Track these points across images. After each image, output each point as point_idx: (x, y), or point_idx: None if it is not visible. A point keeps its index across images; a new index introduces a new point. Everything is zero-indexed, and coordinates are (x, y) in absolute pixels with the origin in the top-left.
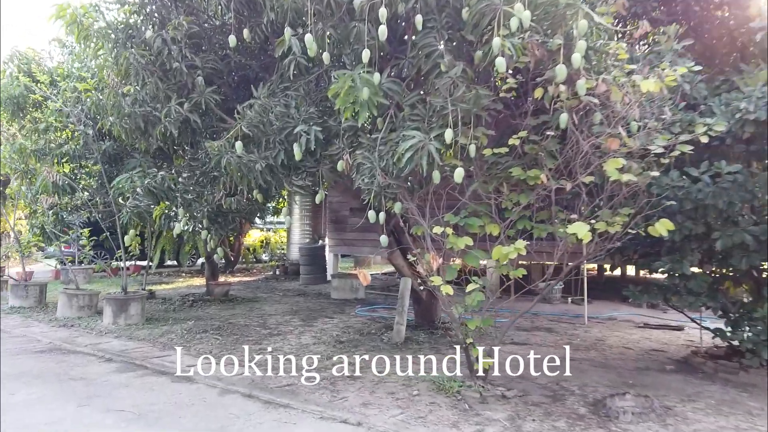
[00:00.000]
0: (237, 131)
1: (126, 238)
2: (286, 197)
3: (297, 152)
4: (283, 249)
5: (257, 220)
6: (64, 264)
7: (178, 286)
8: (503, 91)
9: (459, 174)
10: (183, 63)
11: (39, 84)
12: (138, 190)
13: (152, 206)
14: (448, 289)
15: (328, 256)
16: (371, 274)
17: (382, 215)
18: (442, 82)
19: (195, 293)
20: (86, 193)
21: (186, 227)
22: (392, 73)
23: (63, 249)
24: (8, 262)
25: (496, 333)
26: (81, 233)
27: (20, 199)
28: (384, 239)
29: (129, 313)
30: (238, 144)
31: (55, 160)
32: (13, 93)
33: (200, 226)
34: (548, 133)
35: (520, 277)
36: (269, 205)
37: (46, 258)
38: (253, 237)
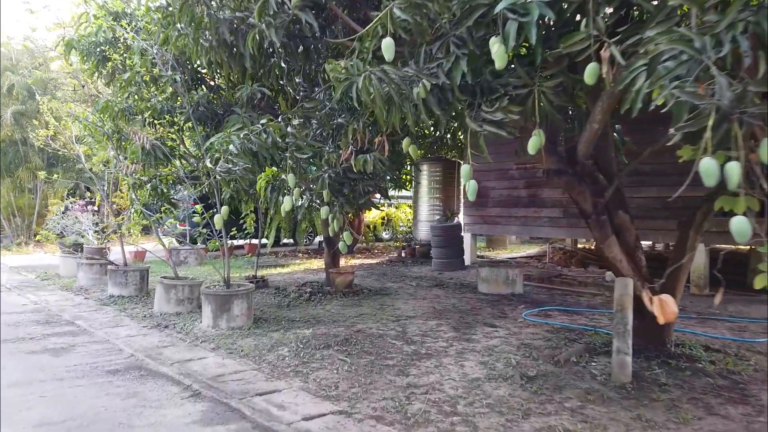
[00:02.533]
0: (384, 19)
1: (216, 217)
2: (410, 164)
3: (499, 55)
4: (406, 227)
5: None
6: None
7: (294, 270)
8: None
9: None
10: None
11: (120, 25)
12: (231, 148)
13: (251, 173)
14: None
15: (466, 236)
16: (505, 258)
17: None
18: None
19: (313, 281)
20: (184, 162)
21: (299, 202)
22: None
23: (177, 227)
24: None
25: None
26: (195, 210)
27: (115, 171)
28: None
29: (232, 313)
30: (387, 42)
31: (146, 120)
32: (97, 40)
33: (317, 201)
34: None
35: None
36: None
37: (163, 236)
38: (373, 213)
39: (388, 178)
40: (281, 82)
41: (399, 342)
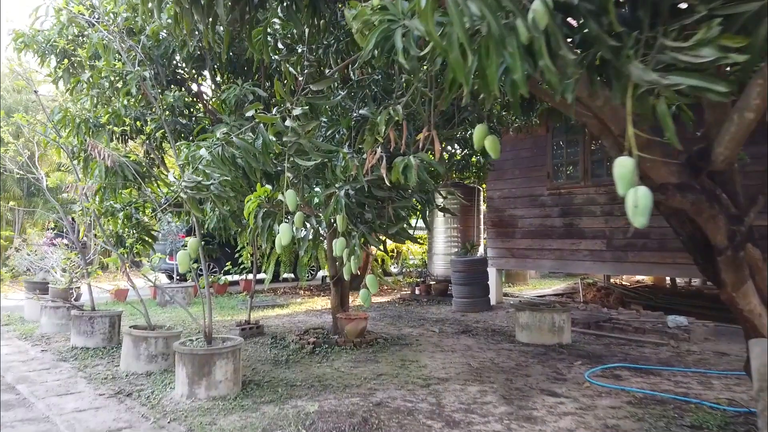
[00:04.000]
0: None
1: (180, 255)
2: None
3: None
4: (418, 261)
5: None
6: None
7: (295, 311)
8: None
9: None
10: None
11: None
12: (202, 152)
13: (234, 190)
14: None
15: (491, 271)
16: (532, 297)
17: None
18: None
19: (317, 327)
20: (161, 183)
21: (301, 233)
22: None
23: (167, 261)
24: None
25: None
26: (184, 242)
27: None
28: None
29: (214, 378)
30: None
31: (113, 133)
32: (55, 37)
33: (325, 231)
34: None
35: None
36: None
37: (147, 272)
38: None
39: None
40: (276, 53)
41: (437, 423)
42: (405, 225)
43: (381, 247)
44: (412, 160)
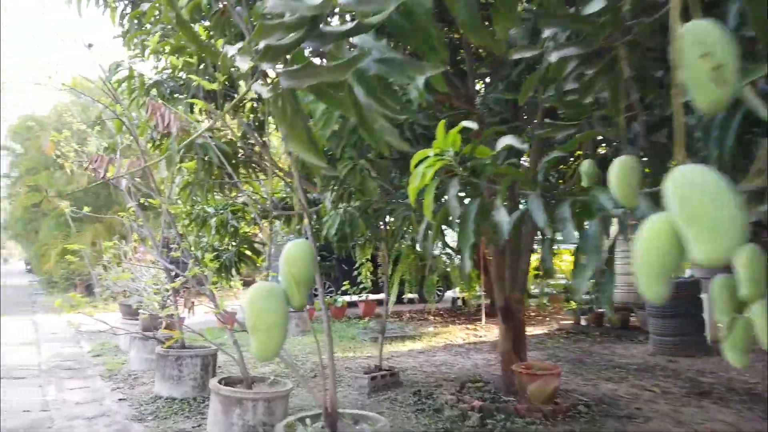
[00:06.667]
0: None
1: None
2: None
3: None
4: (569, 279)
5: None
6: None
7: (431, 345)
8: None
9: None
10: None
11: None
12: None
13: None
14: None
15: (705, 298)
16: None
17: None
18: None
19: (476, 380)
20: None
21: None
22: None
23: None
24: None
25: None
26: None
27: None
28: None
29: None
30: None
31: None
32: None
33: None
34: None
35: None
36: None
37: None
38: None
39: None
40: None
41: None
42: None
43: None
44: None
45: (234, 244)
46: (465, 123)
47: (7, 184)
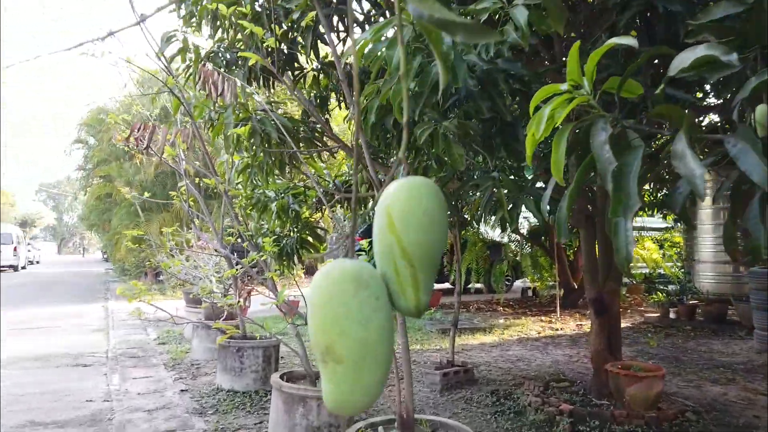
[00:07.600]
0: None
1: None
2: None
3: None
4: (651, 270)
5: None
6: None
7: (504, 338)
8: None
9: None
10: None
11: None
12: None
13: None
14: None
15: None
16: None
17: None
18: None
19: (559, 378)
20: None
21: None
22: None
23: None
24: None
25: None
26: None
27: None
28: None
29: None
30: None
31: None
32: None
33: None
34: None
35: None
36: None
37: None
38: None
39: None
40: None
41: None
42: None
43: None
44: None
45: (296, 229)
46: (617, 39)
47: (83, 176)
